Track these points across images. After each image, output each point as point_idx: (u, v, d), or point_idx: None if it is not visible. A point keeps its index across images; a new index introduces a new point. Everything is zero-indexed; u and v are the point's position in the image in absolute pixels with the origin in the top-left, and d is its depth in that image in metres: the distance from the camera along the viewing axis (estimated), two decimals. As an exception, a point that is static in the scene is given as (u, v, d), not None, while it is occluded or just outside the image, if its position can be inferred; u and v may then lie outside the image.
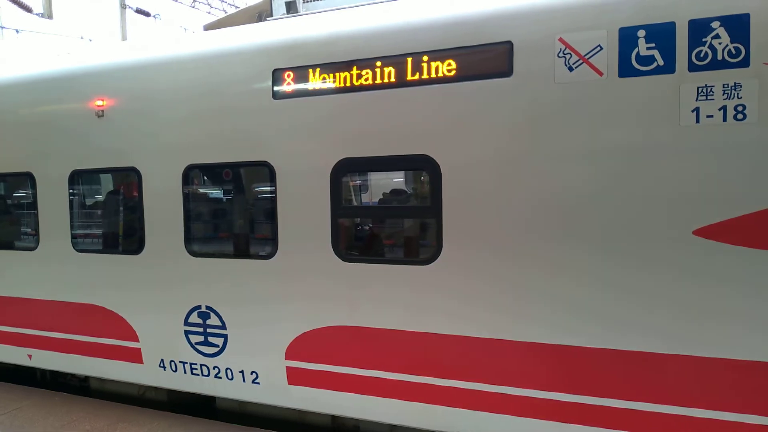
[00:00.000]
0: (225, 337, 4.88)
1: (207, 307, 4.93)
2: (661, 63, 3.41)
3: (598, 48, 3.54)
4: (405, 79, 4.06)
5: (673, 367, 3.50)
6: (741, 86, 3.25)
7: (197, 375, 5.06)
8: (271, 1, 5.42)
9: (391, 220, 5.03)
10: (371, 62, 4.16)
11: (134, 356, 5.33)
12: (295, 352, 4.59)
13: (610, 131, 3.54)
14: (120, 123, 5.19)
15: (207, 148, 4.82)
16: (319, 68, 4.33)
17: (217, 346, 4.93)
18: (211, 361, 4.97)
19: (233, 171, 5.09)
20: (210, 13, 21.13)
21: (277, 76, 4.48)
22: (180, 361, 5.12)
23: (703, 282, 3.40)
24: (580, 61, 3.59)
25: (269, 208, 4.71)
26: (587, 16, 3.57)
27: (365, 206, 5.37)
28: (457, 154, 3.94)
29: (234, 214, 5.55)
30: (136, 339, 5.30)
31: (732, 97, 3.27)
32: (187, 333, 5.04)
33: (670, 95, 3.40)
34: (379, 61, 4.14)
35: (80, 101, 5.36)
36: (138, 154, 5.14)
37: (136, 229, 5.25)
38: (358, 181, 5.39)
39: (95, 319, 5.45)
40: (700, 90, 3.33)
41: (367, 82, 4.18)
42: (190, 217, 4.99)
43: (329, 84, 4.31)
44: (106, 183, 6.22)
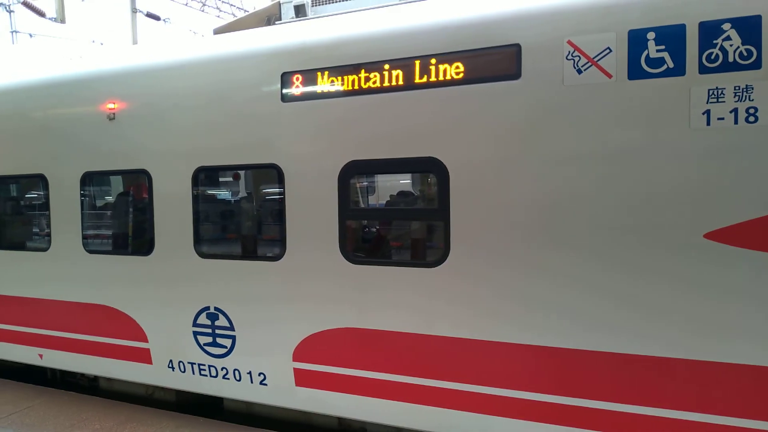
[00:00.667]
0: (233, 338, 4.91)
1: (216, 308, 4.96)
2: (671, 65, 3.38)
3: (607, 50, 3.52)
4: (413, 82, 4.06)
5: (684, 373, 3.47)
6: (753, 88, 3.21)
7: (205, 376, 5.09)
8: (280, 4, 5.47)
9: (398, 222, 5.03)
10: (379, 65, 4.17)
11: (143, 357, 5.37)
12: (302, 354, 4.61)
13: (620, 134, 3.52)
14: (131, 126, 5.24)
15: (216, 150, 4.86)
16: (328, 71, 4.35)
17: (226, 347, 4.95)
18: (219, 362, 5.00)
19: (242, 173, 5.12)
20: (219, 17, 21.33)
21: (286, 79, 4.51)
22: (188, 362, 5.15)
23: (714, 286, 3.37)
24: (589, 64, 3.57)
25: (277, 210, 4.73)
26: (596, 18, 3.56)
27: (373, 208, 5.38)
28: (464, 156, 3.94)
29: (243, 216, 5.58)
30: (145, 339, 5.34)
31: (744, 100, 3.24)
32: (196, 334, 5.07)
33: (681, 98, 3.37)
34: (387, 64, 4.15)
35: (92, 104, 5.42)
36: (148, 157, 5.19)
37: (146, 230, 5.29)
38: (365, 183, 5.40)
39: (105, 319, 5.51)
40: (711, 92, 3.30)
41: (375, 85, 4.19)
42: (199, 218, 5.02)
43: (337, 87, 4.33)
44: (117, 185, 6.29)
